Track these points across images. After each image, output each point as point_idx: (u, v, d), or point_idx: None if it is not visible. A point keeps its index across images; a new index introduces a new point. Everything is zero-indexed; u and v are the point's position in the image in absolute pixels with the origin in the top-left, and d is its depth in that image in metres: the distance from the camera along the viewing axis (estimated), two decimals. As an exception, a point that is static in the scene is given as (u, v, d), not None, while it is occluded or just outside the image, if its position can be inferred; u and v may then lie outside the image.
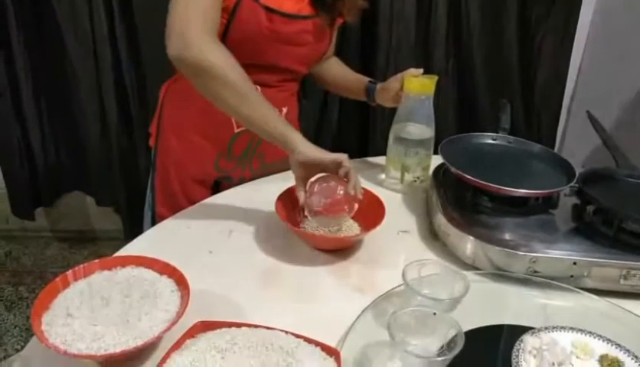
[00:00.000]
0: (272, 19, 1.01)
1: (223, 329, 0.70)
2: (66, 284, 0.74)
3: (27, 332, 1.89)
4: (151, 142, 1.24)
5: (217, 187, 1.24)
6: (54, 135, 2.14)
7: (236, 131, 1.15)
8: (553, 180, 0.99)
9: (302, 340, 0.69)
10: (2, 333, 1.89)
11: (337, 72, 1.32)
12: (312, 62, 1.20)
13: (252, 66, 1.00)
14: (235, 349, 0.67)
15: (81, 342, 0.66)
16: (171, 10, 0.92)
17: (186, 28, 0.90)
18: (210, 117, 1.09)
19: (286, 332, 0.70)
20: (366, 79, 1.25)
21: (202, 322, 0.71)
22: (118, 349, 0.65)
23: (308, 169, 0.95)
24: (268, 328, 0.71)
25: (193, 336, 0.69)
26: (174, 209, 1.09)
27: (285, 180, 1.03)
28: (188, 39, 0.89)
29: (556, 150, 1.91)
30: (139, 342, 0.66)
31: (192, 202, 1.11)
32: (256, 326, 0.71)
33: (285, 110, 1.19)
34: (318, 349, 0.68)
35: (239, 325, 0.71)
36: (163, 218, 1.06)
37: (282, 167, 1.12)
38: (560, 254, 0.85)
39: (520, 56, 1.83)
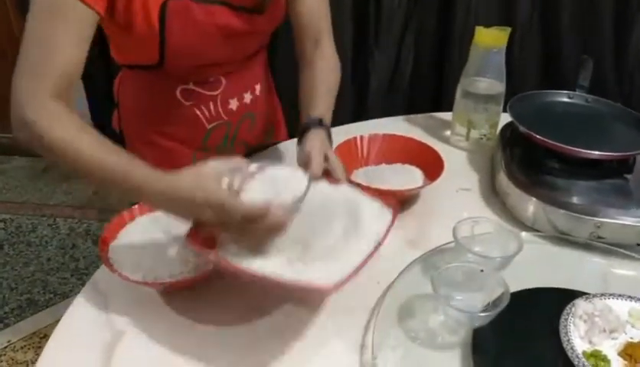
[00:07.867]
0: (210, 11, 0.83)
1: None
2: (132, 217, 0.80)
3: (111, 264, 2.05)
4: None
5: None
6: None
7: (209, 126, 0.99)
8: (630, 143, 0.92)
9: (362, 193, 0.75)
10: (88, 264, 2.07)
11: (303, 81, 0.96)
12: (274, 28, 0.97)
13: (207, 67, 0.92)
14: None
15: (143, 270, 0.72)
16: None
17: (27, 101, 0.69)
18: (176, 119, 0.97)
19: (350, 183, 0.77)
20: (307, 115, 0.87)
21: None
22: (174, 280, 0.70)
23: None
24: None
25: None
26: None
27: (343, 131, 1.03)
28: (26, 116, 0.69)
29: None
30: (194, 275, 0.71)
31: None
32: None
33: (258, 88, 1.03)
34: (378, 202, 0.73)
35: None
36: None
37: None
38: (630, 221, 0.81)
39: (614, 9, 1.68)
